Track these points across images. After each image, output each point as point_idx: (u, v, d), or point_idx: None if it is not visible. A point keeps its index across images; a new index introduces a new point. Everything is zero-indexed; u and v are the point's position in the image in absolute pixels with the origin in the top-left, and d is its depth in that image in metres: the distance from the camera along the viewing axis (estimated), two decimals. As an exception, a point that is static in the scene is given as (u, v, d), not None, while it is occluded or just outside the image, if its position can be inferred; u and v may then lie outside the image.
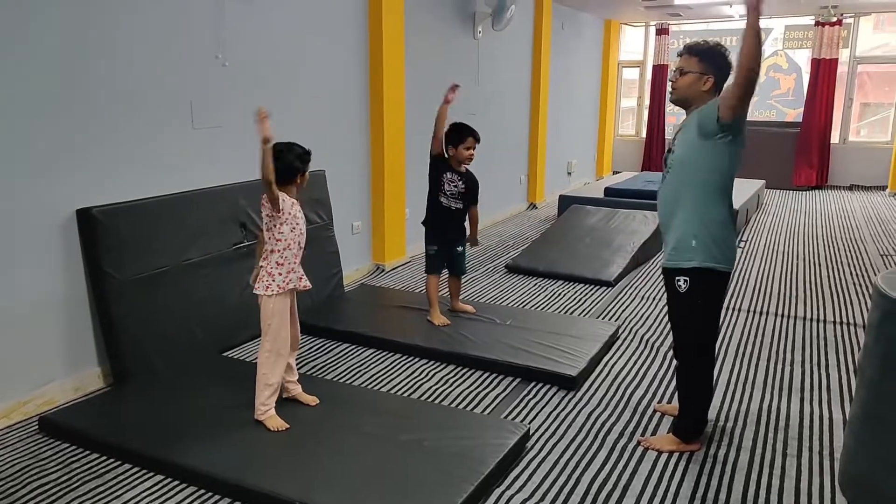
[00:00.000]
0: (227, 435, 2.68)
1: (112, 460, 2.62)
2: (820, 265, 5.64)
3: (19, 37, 2.83)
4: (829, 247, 6.30)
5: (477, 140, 3.86)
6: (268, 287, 2.70)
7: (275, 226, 2.69)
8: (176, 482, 2.48)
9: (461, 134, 3.84)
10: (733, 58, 2.44)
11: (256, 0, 4.00)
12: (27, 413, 2.97)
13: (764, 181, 8.78)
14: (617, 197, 7.02)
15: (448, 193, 3.89)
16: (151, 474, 2.53)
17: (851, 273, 5.41)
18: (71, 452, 2.69)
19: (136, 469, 2.56)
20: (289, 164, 2.69)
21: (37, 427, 2.87)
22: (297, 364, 3.02)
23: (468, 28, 6.45)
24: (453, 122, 3.90)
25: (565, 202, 7.11)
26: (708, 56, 2.51)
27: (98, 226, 3.10)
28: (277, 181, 2.62)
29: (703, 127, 2.48)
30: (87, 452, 2.68)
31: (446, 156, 3.87)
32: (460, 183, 3.90)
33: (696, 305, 2.59)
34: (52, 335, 3.08)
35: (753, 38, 2.26)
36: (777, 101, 10.74)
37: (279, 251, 2.71)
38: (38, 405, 3.02)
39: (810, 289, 4.97)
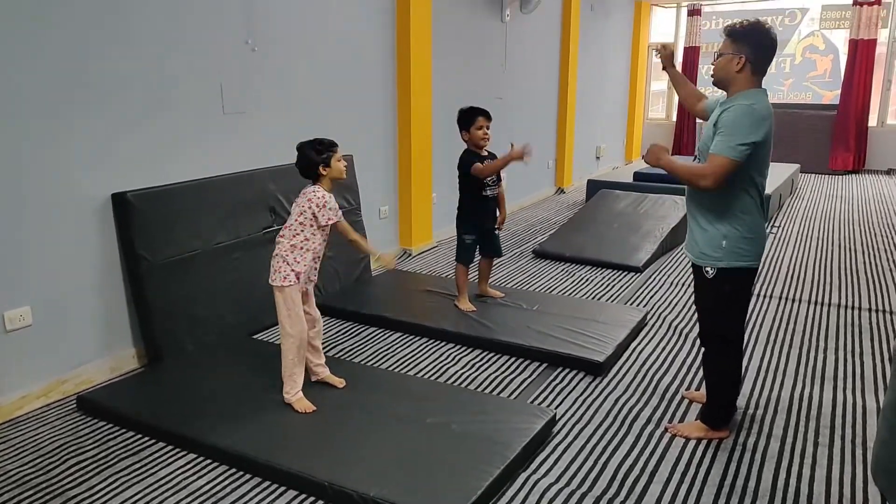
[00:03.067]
0: (257, 416, 2.73)
1: (147, 438, 2.69)
2: (856, 251, 5.51)
3: (55, 26, 2.88)
4: (865, 232, 6.15)
5: (488, 118, 3.77)
6: (286, 278, 2.74)
7: (312, 225, 2.73)
8: (208, 461, 2.54)
9: (471, 115, 3.75)
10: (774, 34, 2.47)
11: (285, -15, 4.01)
12: (65, 392, 3.06)
13: (798, 165, 8.59)
14: (646, 181, 6.93)
15: (488, 182, 3.84)
16: (184, 452, 2.59)
17: (888, 259, 5.28)
18: (107, 430, 2.76)
19: (169, 447, 2.63)
20: (306, 159, 2.73)
21: (75, 405, 2.96)
22: (324, 347, 3.05)
23: (496, 11, 6.39)
24: (461, 108, 3.84)
25: (593, 187, 7.04)
26: (739, 35, 2.45)
27: (132, 210, 3.16)
28: (306, 177, 2.76)
29: (717, 131, 2.46)
30: (123, 430, 2.75)
31: (464, 141, 3.81)
32: None
33: (723, 292, 2.56)
34: (89, 316, 3.16)
35: (678, 175, 2.52)
36: (813, 82, 10.47)
37: (308, 249, 2.74)
38: (76, 384, 3.11)
39: (845, 275, 4.87)
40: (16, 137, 2.80)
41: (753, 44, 2.44)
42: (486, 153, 3.84)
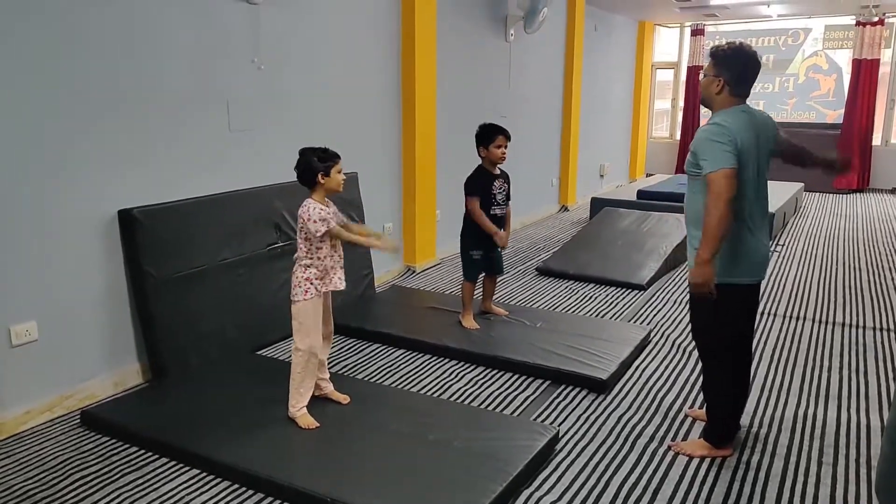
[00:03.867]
0: (260, 431, 2.73)
1: (150, 454, 2.70)
2: (860, 270, 5.51)
3: (65, 47, 2.94)
4: (869, 251, 6.15)
5: (507, 138, 3.80)
6: (306, 292, 2.75)
7: (309, 238, 2.73)
8: (211, 476, 2.54)
9: (491, 133, 3.78)
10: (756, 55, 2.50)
11: (291, 5, 4.07)
12: (69, 407, 3.07)
13: (802, 184, 8.60)
14: (650, 199, 6.95)
15: (499, 202, 3.86)
16: (188, 468, 2.59)
17: (893, 278, 5.27)
18: (111, 445, 2.77)
19: (173, 463, 2.63)
20: (306, 164, 2.71)
21: (79, 420, 2.96)
22: (328, 363, 3.06)
23: (500, 31, 6.47)
24: (481, 123, 3.88)
25: (597, 205, 7.07)
26: (719, 58, 2.50)
27: (138, 226, 3.19)
28: (302, 183, 2.74)
29: (693, 157, 2.49)
30: (127, 446, 2.76)
31: (480, 158, 3.85)
32: (505, 185, 3.89)
33: (715, 308, 2.56)
34: (94, 332, 3.18)
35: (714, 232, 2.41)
36: (817, 102, 10.52)
37: (319, 259, 2.75)
38: (80, 399, 3.12)
39: (849, 294, 4.86)
40: (24, 156, 2.84)
41: (733, 67, 2.48)
42: (498, 171, 3.87)
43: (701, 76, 2.59)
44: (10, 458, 2.68)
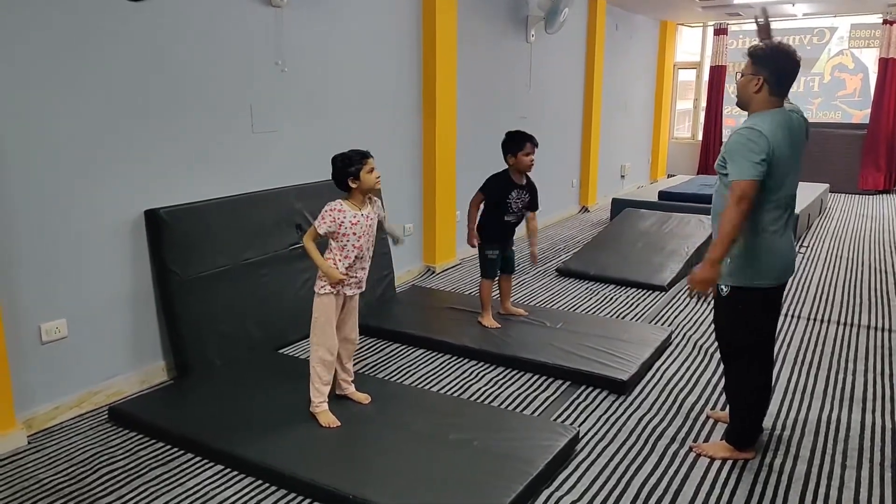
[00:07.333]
0: (282, 429, 2.77)
1: (176, 449, 2.75)
2: (886, 272, 5.42)
3: (94, 51, 3.00)
4: (895, 253, 6.06)
5: (535, 145, 3.80)
6: (322, 287, 2.79)
7: (336, 238, 2.77)
8: (235, 472, 2.58)
9: (520, 141, 3.77)
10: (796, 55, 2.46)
11: (314, 8, 4.11)
12: (97, 403, 3.14)
13: (828, 185, 8.49)
14: (671, 200, 6.90)
15: (514, 210, 3.87)
16: (212, 464, 2.64)
17: (920, 280, 5.19)
18: (138, 441, 2.83)
19: (198, 458, 2.68)
20: (336, 171, 2.76)
21: (106, 416, 3.03)
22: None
23: (521, 32, 6.46)
24: (508, 131, 3.88)
25: (618, 206, 7.03)
26: (760, 57, 2.46)
27: (164, 226, 3.25)
28: (340, 189, 2.80)
29: (723, 157, 2.46)
30: (153, 441, 2.81)
31: (508, 165, 3.83)
32: (525, 195, 3.89)
33: (737, 310, 2.55)
34: (120, 330, 3.25)
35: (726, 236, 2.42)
36: (842, 101, 10.37)
37: (340, 259, 2.78)
38: (108, 396, 3.18)
39: (875, 296, 4.79)
40: (53, 158, 2.91)
41: (773, 66, 2.43)
42: (524, 180, 3.87)
43: (737, 76, 2.53)
44: (40, 453, 2.75)
